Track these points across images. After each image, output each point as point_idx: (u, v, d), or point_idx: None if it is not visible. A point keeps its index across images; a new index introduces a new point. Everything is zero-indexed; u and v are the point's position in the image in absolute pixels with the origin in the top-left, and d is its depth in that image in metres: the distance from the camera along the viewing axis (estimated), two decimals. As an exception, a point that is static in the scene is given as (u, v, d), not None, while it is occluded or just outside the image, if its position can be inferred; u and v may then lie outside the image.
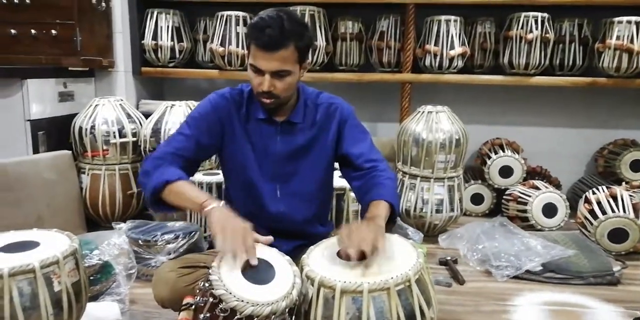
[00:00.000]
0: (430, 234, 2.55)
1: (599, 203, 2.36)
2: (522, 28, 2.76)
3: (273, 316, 1.02)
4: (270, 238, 1.19)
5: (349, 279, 1.07)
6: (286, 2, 2.79)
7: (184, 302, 1.23)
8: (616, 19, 2.70)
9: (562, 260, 2.08)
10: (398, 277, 1.06)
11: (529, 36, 2.73)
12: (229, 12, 2.84)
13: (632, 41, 2.66)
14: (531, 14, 2.74)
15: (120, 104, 2.56)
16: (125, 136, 2.50)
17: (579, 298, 1.92)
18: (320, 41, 2.83)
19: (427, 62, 2.85)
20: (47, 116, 2.44)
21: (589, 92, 3.08)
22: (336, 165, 1.55)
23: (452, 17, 2.80)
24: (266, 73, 1.30)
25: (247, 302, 1.00)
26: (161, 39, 2.94)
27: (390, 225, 1.33)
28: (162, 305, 1.35)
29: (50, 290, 1.16)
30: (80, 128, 2.46)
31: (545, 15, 2.75)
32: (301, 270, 1.14)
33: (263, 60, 1.29)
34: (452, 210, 2.53)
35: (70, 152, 2.47)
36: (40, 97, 2.38)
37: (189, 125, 1.42)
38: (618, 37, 2.68)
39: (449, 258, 2.21)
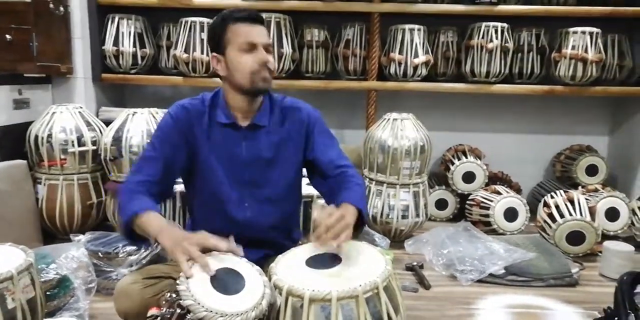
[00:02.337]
0: (397, 239, 2.57)
1: (557, 207, 2.44)
2: (482, 37, 2.84)
3: (242, 327, 1.00)
4: (232, 245, 1.18)
5: (317, 287, 1.06)
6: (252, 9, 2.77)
7: (149, 313, 1.19)
8: (571, 30, 2.81)
9: (524, 263, 2.13)
10: (366, 284, 1.06)
11: (490, 45, 2.81)
12: (193, 19, 2.80)
13: (586, 51, 2.78)
14: (491, 24, 2.83)
15: (79, 112, 2.48)
16: (84, 145, 2.42)
17: (540, 300, 1.97)
18: (287, 48, 2.83)
19: (392, 70, 2.89)
20: (1, 124, 2.35)
21: (547, 99, 3.20)
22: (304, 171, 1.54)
23: (416, 26, 2.85)
24: (259, 46, 1.35)
25: (216, 313, 0.98)
26: (122, 45, 2.87)
27: (358, 231, 1.32)
28: (124, 319, 1.30)
29: (3, 308, 1.11)
30: (37, 136, 2.37)
31: (505, 25, 2.85)
32: (269, 279, 1.13)
33: (255, 33, 1.35)
34: (417, 215, 2.56)
35: (25, 161, 2.37)
36: (-7, 104, 2.29)
37: (155, 147, 1.40)
38: (573, 47, 2.80)
39: (415, 263, 2.23)
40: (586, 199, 2.48)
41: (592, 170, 3.06)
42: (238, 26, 1.34)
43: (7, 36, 2.38)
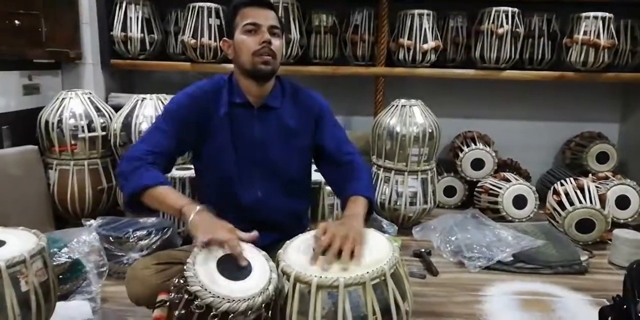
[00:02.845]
0: (405, 226, 2.57)
1: (566, 194, 2.43)
2: (493, 23, 2.79)
3: (249, 312, 1.01)
4: (255, 234, 1.18)
5: (324, 274, 1.07)
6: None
7: (158, 299, 1.21)
8: (583, 15, 2.76)
9: (532, 250, 2.13)
10: (373, 271, 1.07)
11: (500, 31, 2.77)
12: (201, 4, 2.78)
13: (598, 36, 2.73)
14: (502, 8, 2.78)
15: (88, 97, 2.49)
16: (94, 130, 2.43)
17: (548, 287, 1.97)
18: (295, 34, 2.81)
19: (401, 56, 2.86)
20: (12, 110, 2.36)
21: (557, 85, 3.15)
22: None
23: (425, 11, 2.81)
24: (263, 27, 1.35)
25: (223, 299, 0.99)
26: (131, 31, 2.87)
27: (368, 218, 1.35)
28: (136, 303, 1.33)
29: (17, 291, 1.13)
30: (47, 122, 2.39)
31: (516, 10, 2.79)
32: (277, 265, 1.14)
33: (259, 15, 1.36)
34: (425, 202, 2.56)
35: (36, 147, 2.39)
36: (3, 90, 2.29)
37: (166, 120, 1.39)
38: (585, 33, 2.75)
39: (422, 250, 2.24)
40: (596, 187, 2.46)
41: (602, 158, 3.04)
42: (247, 10, 1.37)
43: (16, 22, 2.37)
